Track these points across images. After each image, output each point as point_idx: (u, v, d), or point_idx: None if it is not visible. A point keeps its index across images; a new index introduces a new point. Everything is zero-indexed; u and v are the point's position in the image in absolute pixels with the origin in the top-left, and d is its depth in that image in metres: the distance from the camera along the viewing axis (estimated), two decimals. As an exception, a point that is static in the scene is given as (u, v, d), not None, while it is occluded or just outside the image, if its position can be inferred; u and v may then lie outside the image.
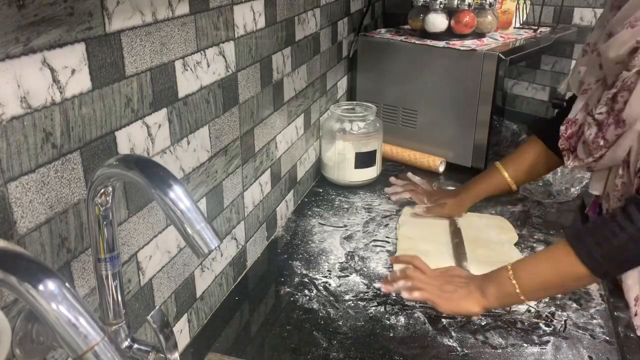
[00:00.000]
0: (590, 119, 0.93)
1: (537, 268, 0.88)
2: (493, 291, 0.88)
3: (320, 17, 1.31)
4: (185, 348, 0.88)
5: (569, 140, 1.00)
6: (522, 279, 0.87)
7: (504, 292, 0.88)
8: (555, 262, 0.87)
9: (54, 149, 0.56)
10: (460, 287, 0.91)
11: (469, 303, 0.89)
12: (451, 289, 0.90)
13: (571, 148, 1.00)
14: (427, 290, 0.90)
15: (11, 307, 0.53)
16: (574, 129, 1.00)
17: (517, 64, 1.45)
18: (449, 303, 0.89)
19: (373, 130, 1.38)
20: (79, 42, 0.57)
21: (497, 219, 1.24)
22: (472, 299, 0.89)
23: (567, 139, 1.00)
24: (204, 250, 0.50)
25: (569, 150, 1.00)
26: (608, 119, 0.90)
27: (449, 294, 0.90)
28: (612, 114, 0.89)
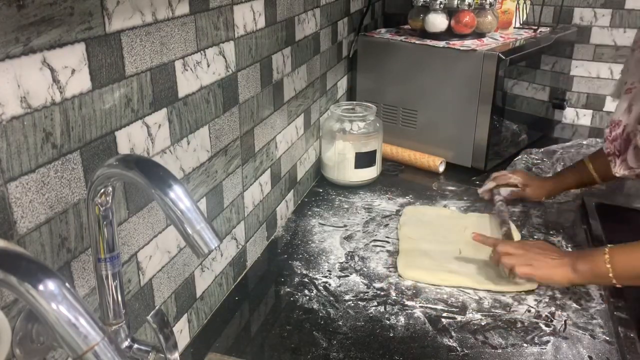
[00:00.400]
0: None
1: (635, 257, 0.90)
2: (585, 269, 0.92)
3: (320, 17, 1.31)
4: (185, 348, 0.88)
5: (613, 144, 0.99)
6: (618, 265, 0.89)
7: (595, 272, 0.91)
8: None
9: (54, 149, 0.56)
10: (552, 259, 0.94)
11: (559, 273, 0.93)
12: (542, 258, 0.95)
13: (616, 152, 0.99)
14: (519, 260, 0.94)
15: (11, 307, 0.53)
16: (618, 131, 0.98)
17: (517, 64, 1.45)
18: (540, 271, 0.94)
19: (373, 130, 1.38)
20: (79, 42, 0.57)
21: None
22: (563, 271, 0.93)
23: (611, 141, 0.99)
24: (204, 250, 0.50)
25: (614, 154, 0.99)
26: None
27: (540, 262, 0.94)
28: None
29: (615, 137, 0.98)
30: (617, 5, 1.77)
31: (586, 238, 1.17)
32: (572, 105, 1.89)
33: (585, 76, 1.89)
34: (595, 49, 1.84)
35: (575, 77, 1.89)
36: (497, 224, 1.19)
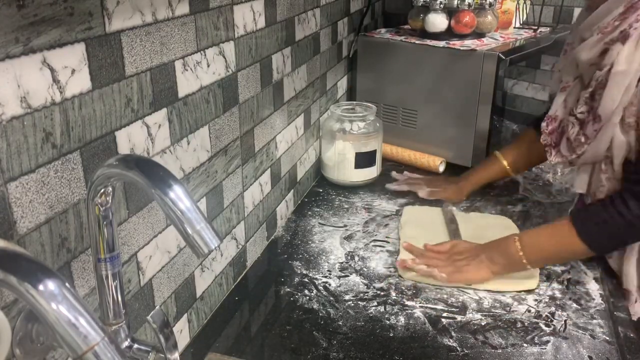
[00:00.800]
0: (573, 118, 1.00)
1: (542, 241, 1.00)
2: (501, 259, 1.00)
3: (320, 17, 1.31)
4: (185, 348, 0.88)
5: (550, 136, 1.07)
6: (528, 250, 0.98)
7: (511, 260, 0.99)
8: (559, 239, 0.98)
9: (54, 149, 0.56)
10: (472, 259, 1.02)
11: (482, 271, 1.01)
12: (464, 262, 1.02)
13: (552, 143, 1.06)
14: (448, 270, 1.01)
15: (11, 307, 0.53)
16: (554, 125, 1.06)
17: (517, 64, 1.45)
18: (466, 275, 1.01)
19: (373, 130, 1.38)
20: (79, 42, 0.57)
21: (500, 219, 1.24)
22: (484, 267, 1.01)
23: (548, 134, 1.07)
24: (204, 250, 0.50)
25: (550, 145, 1.07)
26: (588, 117, 0.96)
27: (464, 267, 1.01)
28: (591, 112, 0.95)
29: (552, 130, 1.06)
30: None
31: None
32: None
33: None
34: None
35: (575, 77, 1.88)
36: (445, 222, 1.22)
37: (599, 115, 0.92)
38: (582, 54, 0.95)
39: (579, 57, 0.96)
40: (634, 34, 0.87)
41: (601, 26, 0.91)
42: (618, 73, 0.88)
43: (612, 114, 0.90)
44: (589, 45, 0.93)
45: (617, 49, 0.88)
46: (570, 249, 0.97)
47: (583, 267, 1.06)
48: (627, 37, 0.87)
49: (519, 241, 0.99)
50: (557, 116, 1.05)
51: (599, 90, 0.92)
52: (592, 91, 0.94)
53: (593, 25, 0.93)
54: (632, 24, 0.87)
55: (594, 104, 0.94)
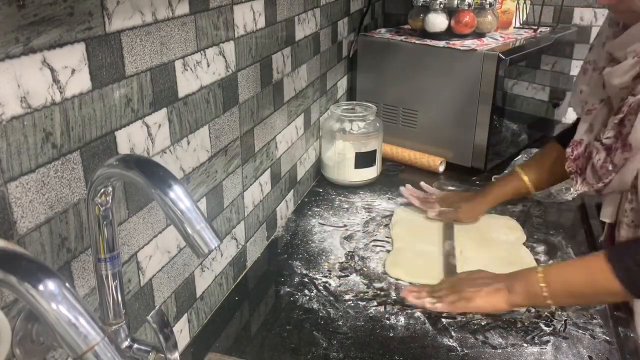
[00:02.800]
0: (598, 144, 0.93)
1: (569, 277, 0.90)
2: (520, 290, 0.90)
3: (320, 17, 1.31)
4: (185, 348, 0.88)
5: (575, 162, 1.00)
6: (551, 283, 0.89)
7: (531, 292, 0.90)
8: (590, 275, 0.88)
9: (54, 149, 0.56)
10: (485, 285, 0.93)
11: (495, 299, 0.91)
12: (474, 289, 0.93)
13: (578, 170, 0.99)
14: (450, 299, 0.93)
15: (11, 307, 0.53)
16: (580, 150, 0.99)
17: (517, 64, 1.44)
18: (475, 302, 0.92)
19: (373, 130, 1.38)
20: (79, 42, 0.57)
21: (504, 219, 1.23)
22: (499, 295, 0.91)
23: (573, 160, 1.00)
24: (204, 250, 0.50)
25: (576, 172, 1.00)
26: (616, 143, 0.89)
27: (474, 293, 0.92)
28: (620, 138, 0.89)
29: (577, 156, 0.99)
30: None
31: (586, 238, 1.18)
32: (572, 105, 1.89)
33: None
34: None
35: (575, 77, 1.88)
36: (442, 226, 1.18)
37: (629, 144, 0.86)
38: (615, 78, 0.88)
39: (610, 80, 0.89)
40: None
41: (637, 49, 0.84)
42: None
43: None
44: (622, 69, 0.86)
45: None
46: (601, 288, 0.86)
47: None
48: None
49: (543, 272, 0.90)
50: (582, 140, 0.98)
51: (629, 117, 0.86)
52: (623, 117, 0.87)
53: (627, 45, 0.86)
54: None
55: (624, 129, 0.87)
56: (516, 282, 0.91)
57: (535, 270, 0.92)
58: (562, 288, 0.89)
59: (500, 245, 1.13)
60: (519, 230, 1.18)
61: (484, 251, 1.09)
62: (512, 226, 1.20)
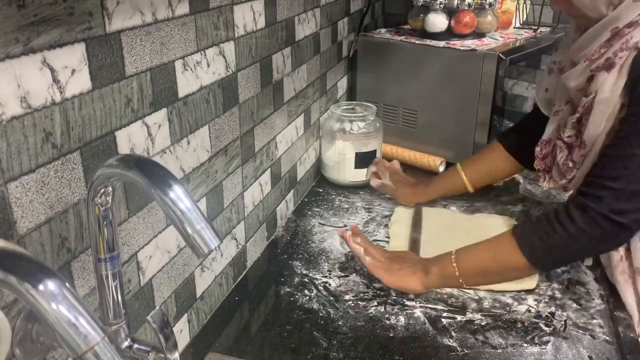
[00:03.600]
0: (561, 142, 0.98)
1: (478, 254, 0.96)
2: (435, 271, 0.96)
3: (320, 17, 1.31)
4: (185, 348, 0.88)
5: (544, 161, 1.05)
6: (462, 263, 0.95)
7: (444, 273, 0.96)
8: (497, 251, 0.94)
9: (54, 149, 0.56)
10: (407, 267, 0.99)
11: (412, 280, 0.97)
12: (398, 267, 0.99)
13: (546, 169, 1.04)
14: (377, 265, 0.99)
15: (11, 307, 0.53)
16: (548, 149, 1.04)
17: (517, 64, 1.45)
18: (393, 278, 0.98)
19: (373, 130, 1.38)
20: (79, 42, 0.57)
21: (504, 219, 1.23)
22: (416, 278, 0.97)
23: (542, 159, 1.05)
24: (204, 250, 0.50)
25: (544, 170, 1.05)
26: (576, 141, 0.95)
27: (395, 270, 0.98)
28: (579, 137, 0.94)
29: (545, 155, 1.04)
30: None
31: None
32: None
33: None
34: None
35: (575, 77, 1.88)
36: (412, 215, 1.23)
37: (584, 141, 0.92)
38: (571, 81, 0.94)
39: (568, 83, 0.95)
40: (619, 62, 0.86)
41: (588, 54, 0.90)
42: (601, 101, 0.88)
43: (595, 140, 0.90)
44: (576, 73, 0.92)
45: (603, 77, 0.88)
46: (508, 264, 0.93)
47: (583, 267, 1.06)
48: (612, 65, 0.86)
49: (455, 253, 0.96)
50: (550, 140, 1.03)
51: (585, 116, 0.91)
52: (579, 117, 0.93)
53: (582, 49, 0.91)
54: (617, 53, 0.86)
55: (582, 128, 0.93)
56: (433, 265, 0.97)
57: (449, 253, 0.97)
58: (471, 267, 0.95)
59: None
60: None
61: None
62: (511, 225, 1.20)
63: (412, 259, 1.02)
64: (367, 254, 1.01)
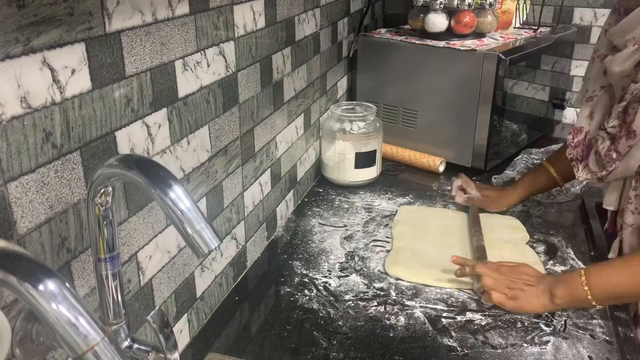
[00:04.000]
0: (603, 132, 0.93)
1: (612, 276, 0.89)
2: (562, 294, 0.90)
3: (320, 17, 1.31)
4: (185, 348, 0.88)
5: (575, 149, 1.01)
6: (594, 286, 0.88)
7: (574, 296, 0.90)
8: (633, 275, 0.87)
9: (54, 149, 0.56)
10: (528, 286, 0.92)
11: (536, 303, 0.91)
12: (518, 288, 0.92)
13: (579, 157, 1.00)
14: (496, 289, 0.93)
15: (11, 307, 0.53)
16: (580, 137, 1.00)
17: (517, 64, 1.44)
18: (515, 302, 0.92)
19: (373, 130, 1.38)
20: (79, 42, 0.57)
21: (507, 219, 1.23)
22: (540, 300, 0.91)
23: (574, 147, 1.01)
24: (204, 250, 0.50)
25: (577, 160, 1.01)
26: (620, 132, 0.90)
27: (516, 292, 0.92)
28: (624, 126, 0.89)
29: (577, 144, 1.00)
30: (617, 5, 1.77)
31: (586, 238, 1.18)
32: (572, 105, 1.89)
33: (584, 76, 1.88)
34: (595, 49, 1.84)
35: (575, 77, 1.89)
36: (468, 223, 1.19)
37: (633, 131, 0.86)
38: (615, 66, 0.88)
39: (612, 68, 0.89)
40: None
41: (636, 37, 0.84)
42: None
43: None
44: (623, 57, 0.87)
45: None
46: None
47: (583, 267, 1.06)
48: None
49: (585, 275, 0.89)
50: (582, 128, 0.99)
51: (633, 104, 0.86)
52: (626, 105, 0.88)
53: (626, 33, 0.86)
54: None
55: (628, 118, 0.88)
56: (559, 286, 0.91)
57: (577, 273, 0.91)
58: (605, 290, 0.89)
59: (504, 245, 1.13)
60: (522, 229, 1.18)
61: (488, 251, 1.09)
62: (515, 226, 1.20)
63: (529, 274, 0.95)
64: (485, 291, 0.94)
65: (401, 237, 1.16)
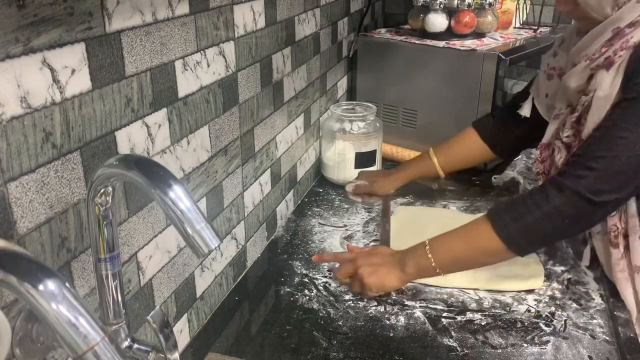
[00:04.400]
0: (559, 142, 0.99)
1: (453, 242, 0.94)
2: (411, 264, 0.95)
3: (320, 17, 1.31)
4: (185, 348, 0.88)
5: (543, 164, 1.05)
6: (437, 253, 0.93)
7: (420, 265, 0.95)
8: (472, 237, 0.93)
9: (54, 149, 0.56)
10: (380, 265, 0.97)
11: (390, 278, 0.96)
12: (370, 269, 0.96)
13: (545, 171, 1.05)
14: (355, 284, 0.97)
15: (11, 307, 0.53)
16: (547, 152, 1.04)
17: (517, 64, 1.45)
18: (374, 278, 0.95)
19: (373, 130, 1.38)
20: (79, 42, 0.57)
21: None
22: (393, 274, 0.96)
23: (541, 162, 1.06)
24: (204, 250, 0.50)
25: (543, 173, 1.05)
26: (575, 141, 0.95)
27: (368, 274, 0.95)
28: (577, 136, 0.94)
29: (544, 158, 1.04)
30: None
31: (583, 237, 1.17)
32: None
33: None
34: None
35: (575, 77, 1.88)
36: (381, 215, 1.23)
37: (582, 139, 0.91)
38: (571, 81, 0.94)
39: (568, 84, 0.95)
40: (618, 61, 0.86)
41: (589, 53, 0.90)
42: (600, 98, 0.88)
43: None
44: (576, 73, 0.93)
45: (602, 75, 0.88)
46: (485, 248, 0.91)
47: (583, 267, 1.06)
48: (612, 64, 0.87)
49: (429, 244, 0.94)
50: (550, 143, 1.03)
51: (584, 115, 0.91)
52: (579, 116, 0.93)
53: (582, 51, 0.91)
54: (617, 52, 0.86)
55: (580, 127, 0.92)
56: (408, 259, 0.96)
57: (422, 244, 0.96)
58: (447, 255, 0.94)
59: None
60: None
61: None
62: None
63: (384, 254, 1.00)
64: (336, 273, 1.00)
65: (398, 237, 1.16)
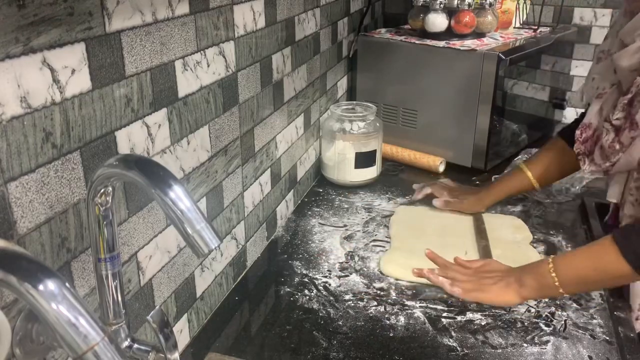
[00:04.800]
0: (608, 124, 0.95)
1: (578, 263, 0.91)
2: (532, 282, 0.92)
3: (320, 17, 1.31)
4: (185, 348, 0.88)
5: (584, 144, 1.02)
6: (562, 272, 0.90)
7: (542, 284, 0.91)
8: (598, 259, 0.89)
9: (54, 149, 0.56)
10: (499, 280, 0.95)
11: (508, 294, 0.93)
12: (490, 282, 0.95)
13: (586, 152, 1.02)
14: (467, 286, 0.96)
15: (11, 307, 0.53)
16: (589, 133, 1.01)
17: (517, 64, 1.45)
18: (488, 295, 0.94)
19: (373, 130, 1.38)
20: (79, 42, 0.57)
21: (510, 218, 1.23)
22: (511, 290, 0.93)
23: (582, 142, 1.02)
24: (204, 250, 0.50)
25: (584, 154, 1.02)
26: (625, 124, 0.92)
27: (488, 286, 0.94)
28: (628, 118, 0.91)
29: (585, 139, 1.02)
30: (617, 5, 1.77)
31: (586, 238, 1.17)
32: (572, 105, 1.89)
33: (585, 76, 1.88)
34: (595, 49, 1.84)
35: (576, 77, 1.89)
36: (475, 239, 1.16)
37: (636, 122, 0.88)
38: (623, 60, 0.90)
39: (619, 63, 0.91)
40: None
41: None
42: None
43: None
44: (630, 52, 0.89)
45: None
46: (611, 272, 0.87)
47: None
48: None
49: (552, 263, 0.91)
50: (591, 124, 1.00)
51: (638, 97, 0.88)
52: (632, 97, 0.90)
53: (635, 30, 0.88)
54: None
55: (632, 110, 0.90)
56: (527, 275, 0.93)
57: (545, 262, 0.92)
58: (572, 276, 0.90)
59: (507, 244, 1.13)
60: (525, 229, 1.19)
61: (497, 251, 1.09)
62: (518, 225, 1.20)
63: (499, 269, 0.98)
64: (454, 284, 0.97)
65: (398, 238, 1.16)
